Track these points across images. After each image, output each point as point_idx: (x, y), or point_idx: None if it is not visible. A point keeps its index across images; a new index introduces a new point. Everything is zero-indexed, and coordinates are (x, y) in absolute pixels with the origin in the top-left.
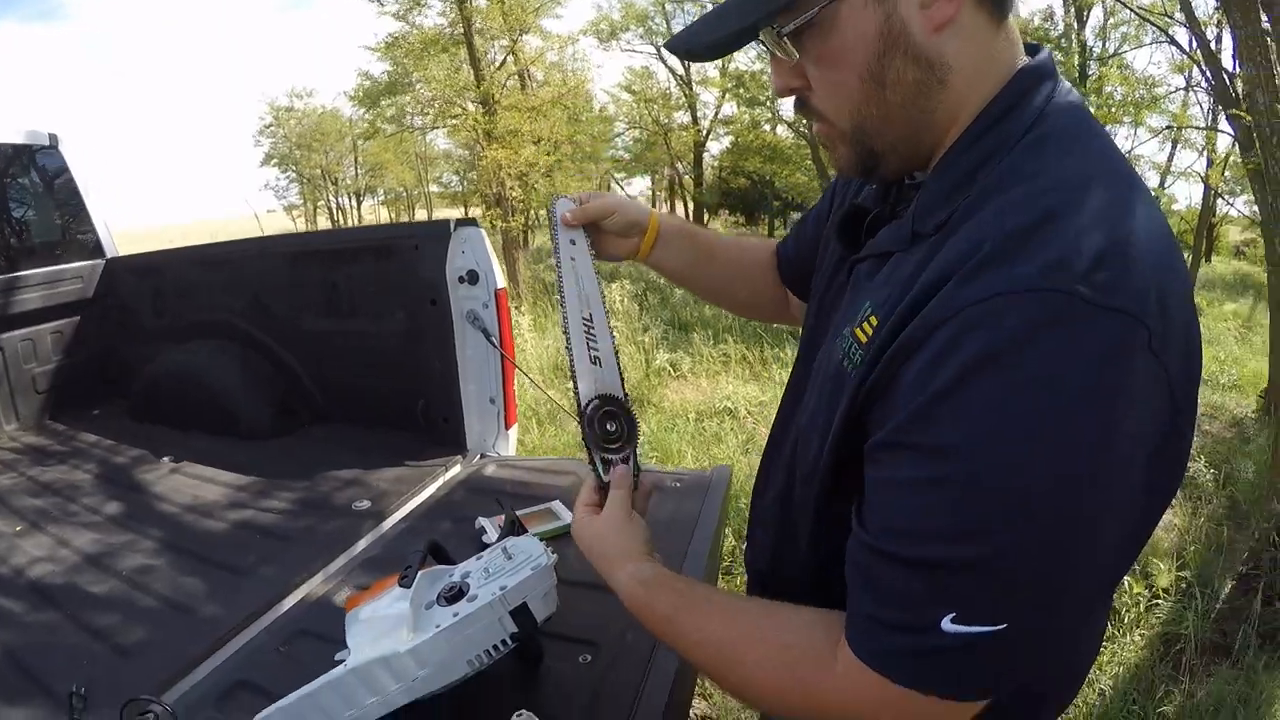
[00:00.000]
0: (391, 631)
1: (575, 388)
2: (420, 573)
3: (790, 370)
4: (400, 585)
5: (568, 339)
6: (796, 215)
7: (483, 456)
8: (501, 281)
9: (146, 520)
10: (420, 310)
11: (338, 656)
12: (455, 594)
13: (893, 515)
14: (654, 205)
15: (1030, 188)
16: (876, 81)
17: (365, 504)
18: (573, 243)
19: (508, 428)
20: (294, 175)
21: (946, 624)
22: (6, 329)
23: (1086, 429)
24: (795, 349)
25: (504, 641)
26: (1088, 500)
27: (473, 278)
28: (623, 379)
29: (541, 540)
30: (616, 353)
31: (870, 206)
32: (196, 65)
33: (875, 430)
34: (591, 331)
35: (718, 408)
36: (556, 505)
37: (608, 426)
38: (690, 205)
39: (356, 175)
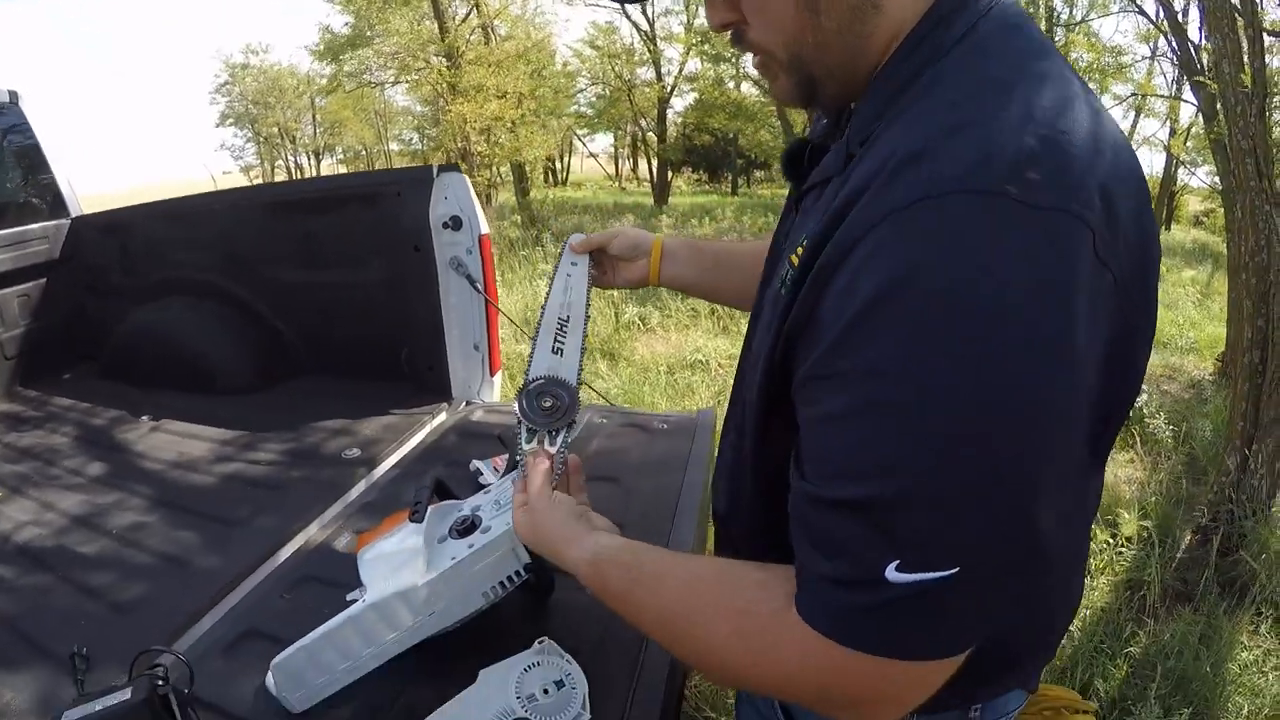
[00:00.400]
0: (406, 566)
1: (528, 368)
2: (429, 508)
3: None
4: (411, 520)
5: (537, 328)
6: (759, 174)
7: (468, 403)
8: (485, 227)
9: (132, 478)
10: (402, 258)
11: (350, 597)
12: (468, 526)
13: (824, 455)
14: (617, 164)
15: (952, 92)
16: (810, 9)
17: (355, 452)
18: (574, 264)
19: (492, 374)
20: (251, 135)
21: (892, 572)
22: None
23: (1024, 343)
24: None
25: (518, 572)
26: (1030, 419)
27: (456, 223)
28: (580, 374)
29: None
30: (582, 352)
31: (819, 141)
32: (153, 25)
33: (801, 366)
34: (564, 329)
35: (689, 360)
36: None
37: (544, 402)
38: (654, 162)
39: (315, 134)
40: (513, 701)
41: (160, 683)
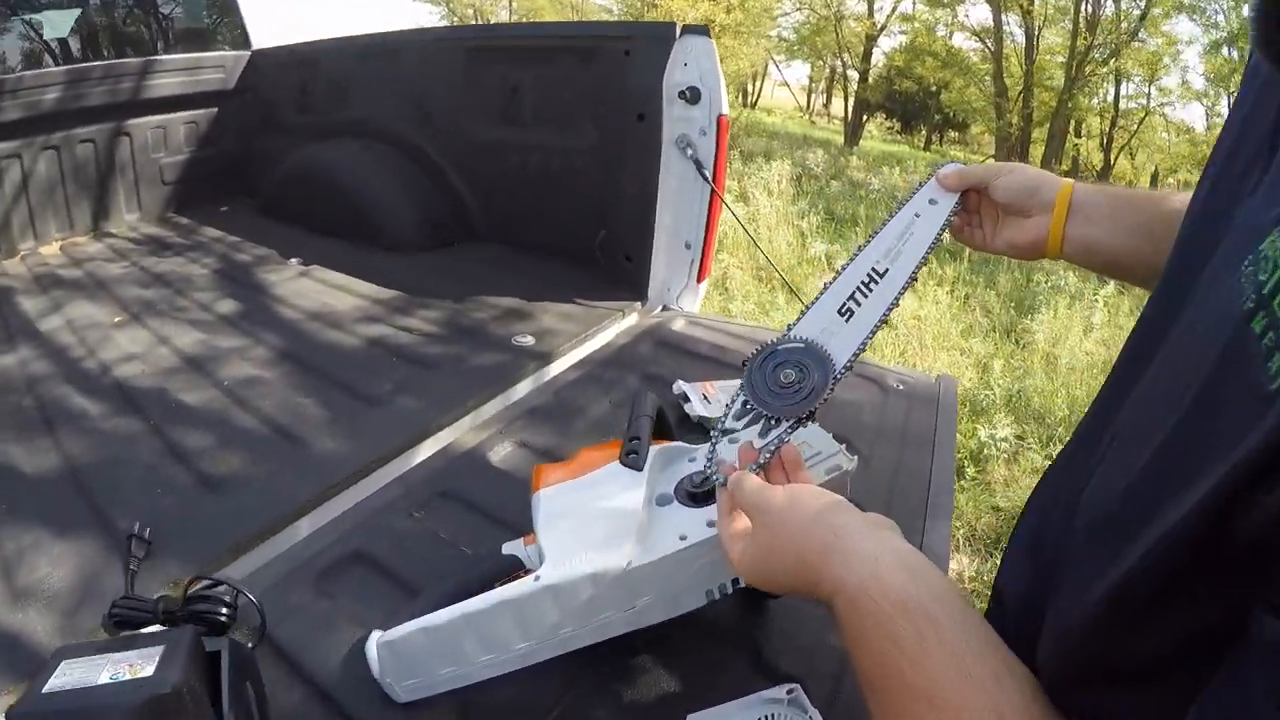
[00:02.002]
0: (613, 535)
1: (793, 322)
2: (652, 449)
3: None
4: (624, 463)
5: (835, 277)
6: (954, 134)
7: (665, 308)
8: (725, 106)
9: (263, 324)
10: (620, 127)
11: (508, 549)
12: (705, 492)
13: None
14: (809, 97)
15: None
16: None
17: (528, 340)
18: (932, 202)
19: (699, 281)
20: (444, 13)
21: None
22: (136, 115)
23: None
24: (965, 265)
25: None
26: None
27: (693, 96)
28: (855, 358)
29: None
30: (878, 328)
31: None
32: None
33: None
34: (871, 287)
35: None
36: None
37: (785, 375)
38: (850, 100)
39: (510, 18)
40: None
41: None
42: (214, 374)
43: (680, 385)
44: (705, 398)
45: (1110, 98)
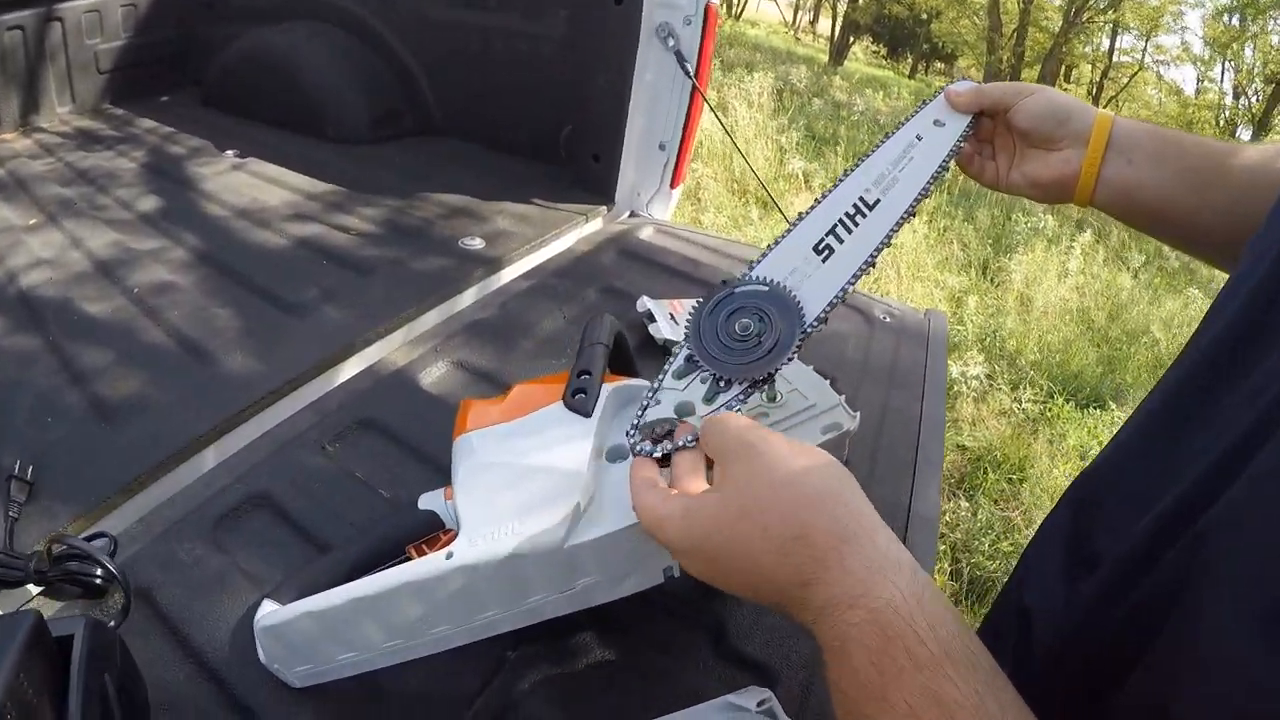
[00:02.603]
0: (548, 497)
1: (756, 260)
2: (605, 388)
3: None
4: (570, 407)
5: (812, 206)
6: (940, 65)
7: (634, 215)
8: None
9: (185, 223)
10: (594, 11)
11: (425, 503)
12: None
13: None
14: (796, 13)
15: None
16: None
17: (477, 243)
18: (938, 124)
19: (673, 186)
20: None
21: None
22: None
23: None
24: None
25: None
26: None
27: None
28: (831, 308)
29: None
30: (861, 274)
31: None
32: None
33: None
34: (855, 221)
35: None
36: None
37: (738, 324)
38: (837, 21)
39: None
40: None
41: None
42: (124, 280)
43: (645, 302)
44: (672, 318)
45: (1105, 48)
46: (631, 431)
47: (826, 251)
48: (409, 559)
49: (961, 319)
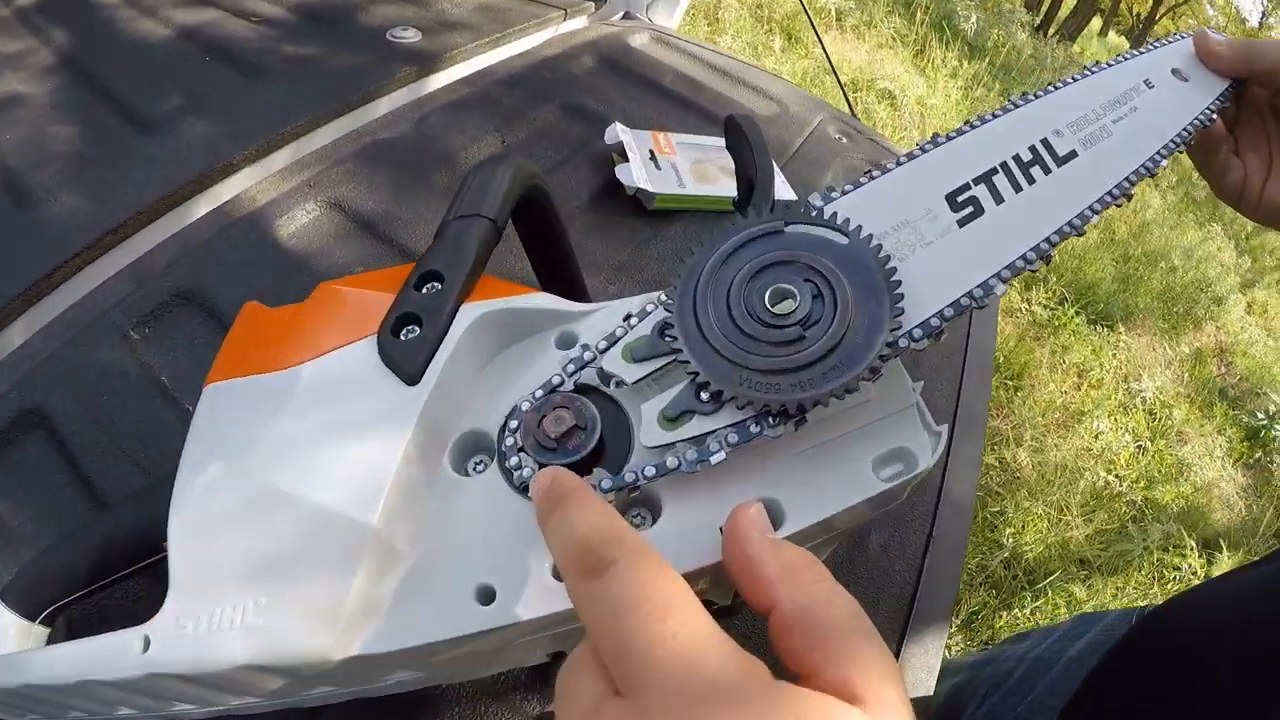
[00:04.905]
0: (320, 550)
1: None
2: (468, 312)
3: None
4: (384, 355)
5: (953, 134)
6: None
7: (627, 15)
8: None
9: (59, 16)
10: None
11: None
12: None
13: None
14: None
15: None
16: None
17: (410, 34)
18: (1179, 77)
19: None
20: None
21: None
22: None
23: None
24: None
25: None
26: None
27: None
28: (958, 312)
29: None
30: (1024, 265)
31: None
32: None
33: None
34: (1031, 172)
35: (876, 86)
36: None
37: (773, 292)
38: None
39: None
40: None
41: None
42: None
43: (618, 130)
44: (653, 157)
45: None
46: (514, 425)
47: (969, 209)
48: None
49: None
